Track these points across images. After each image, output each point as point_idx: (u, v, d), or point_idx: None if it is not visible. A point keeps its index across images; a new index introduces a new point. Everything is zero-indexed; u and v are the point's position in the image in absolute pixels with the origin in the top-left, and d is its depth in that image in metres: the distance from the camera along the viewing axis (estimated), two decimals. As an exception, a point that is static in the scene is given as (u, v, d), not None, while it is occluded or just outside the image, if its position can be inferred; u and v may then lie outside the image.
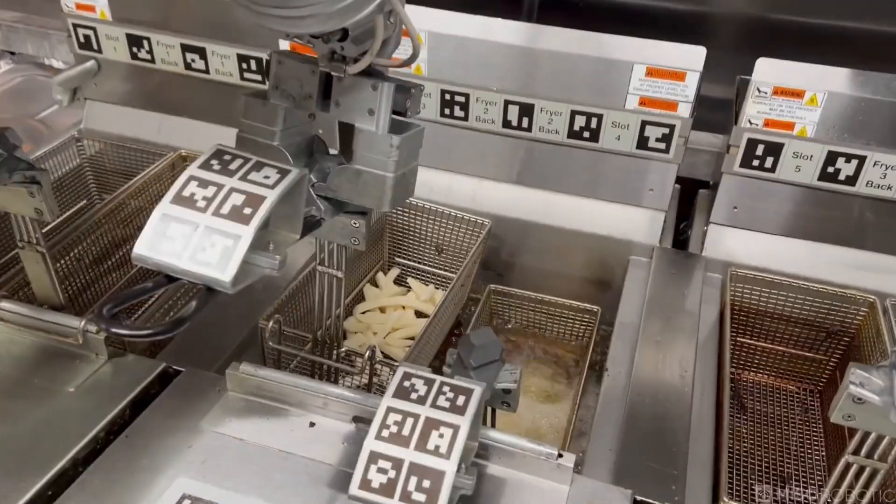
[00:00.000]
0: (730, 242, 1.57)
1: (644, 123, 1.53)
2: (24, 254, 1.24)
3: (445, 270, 1.78)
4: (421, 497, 0.76)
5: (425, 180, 1.71)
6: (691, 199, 1.76)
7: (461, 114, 1.64)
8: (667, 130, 1.52)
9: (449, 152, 1.70)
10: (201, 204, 0.81)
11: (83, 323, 1.20)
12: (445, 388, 0.84)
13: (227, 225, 0.80)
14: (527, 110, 1.60)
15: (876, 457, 0.90)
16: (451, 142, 1.68)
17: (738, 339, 1.52)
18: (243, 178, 0.83)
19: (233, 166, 0.85)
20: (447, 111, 1.64)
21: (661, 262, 1.57)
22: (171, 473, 1.01)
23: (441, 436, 0.78)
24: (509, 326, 1.78)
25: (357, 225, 1.01)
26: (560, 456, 1.01)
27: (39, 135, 2.21)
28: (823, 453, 1.39)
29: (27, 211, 1.15)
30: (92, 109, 1.98)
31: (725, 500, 1.04)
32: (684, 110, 1.49)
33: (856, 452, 0.91)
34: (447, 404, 0.82)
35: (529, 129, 1.62)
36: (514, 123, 1.62)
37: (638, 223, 1.63)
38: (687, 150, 1.57)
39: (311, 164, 0.98)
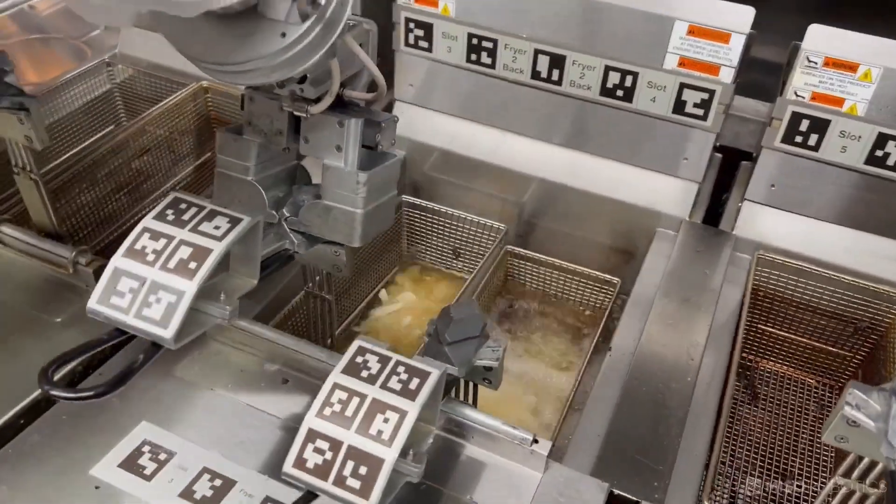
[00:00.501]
0: (763, 222, 1.46)
1: (682, 86, 1.42)
2: (20, 180, 1.23)
3: (463, 273, 1.75)
4: (356, 483, 0.71)
5: (447, 129, 1.67)
6: (735, 170, 1.64)
7: (488, 60, 1.55)
8: (706, 96, 1.41)
9: (473, 101, 1.62)
10: (151, 257, 0.83)
11: (74, 254, 1.19)
12: (400, 369, 0.79)
13: (173, 280, 0.82)
14: (557, 62, 1.49)
15: (867, 482, 0.83)
16: (476, 89, 1.60)
17: (759, 326, 1.43)
18: (193, 230, 0.85)
19: (186, 216, 0.86)
20: (473, 56, 1.55)
21: (688, 237, 1.47)
22: (137, 416, 1.00)
23: (386, 420, 0.73)
24: (523, 291, 1.72)
25: (338, 254, 1.02)
26: (535, 442, 0.96)
27: (84, 56, 2.20)
28: (833, 453, 1.31)
29: (18, 137, 1.13)
30: (126, 34, 1.94)
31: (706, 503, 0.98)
32: (726, 75, 1.37)
33: (847, 474, 0.83)
34: (399, 386, 0.76)
35: (559, 82, 1.52)
36: (544, 75, 1.52)
37: (669, 193, 1.53)
38: (732, 117, 1.47)
39: (287, 196, 0.99)
